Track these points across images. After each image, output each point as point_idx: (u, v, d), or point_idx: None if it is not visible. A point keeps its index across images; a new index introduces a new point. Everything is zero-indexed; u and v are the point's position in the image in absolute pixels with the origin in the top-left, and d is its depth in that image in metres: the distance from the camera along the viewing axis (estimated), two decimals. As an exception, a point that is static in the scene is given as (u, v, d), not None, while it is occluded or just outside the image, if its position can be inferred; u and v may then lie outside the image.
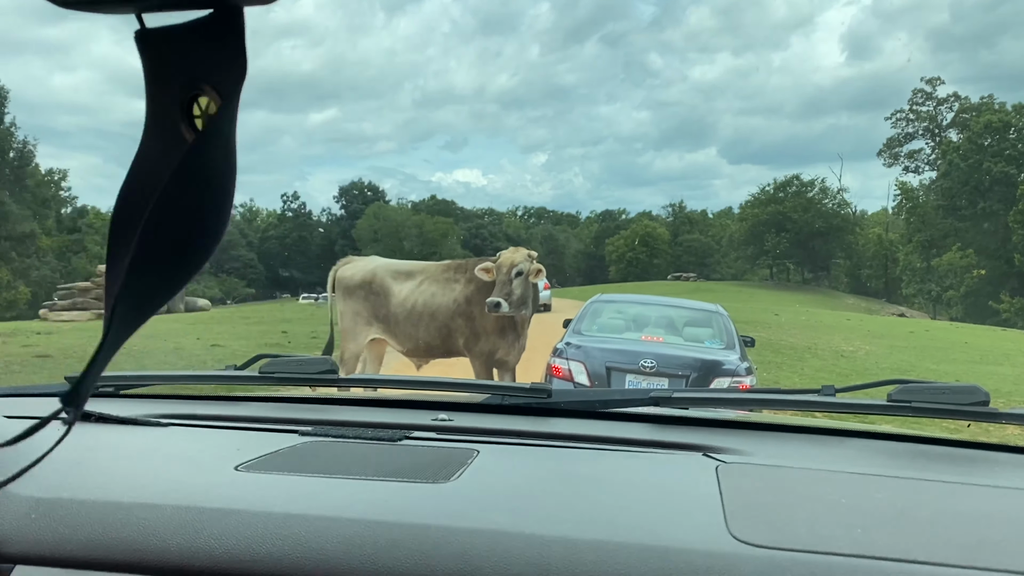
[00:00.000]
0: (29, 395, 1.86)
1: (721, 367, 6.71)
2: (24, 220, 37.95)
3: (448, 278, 6.66)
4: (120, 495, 1.13)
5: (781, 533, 1.04)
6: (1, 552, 1.06)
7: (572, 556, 0.98)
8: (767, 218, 68.79)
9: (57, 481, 1.17)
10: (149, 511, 1.09)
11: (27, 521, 1.09)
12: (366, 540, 1.02)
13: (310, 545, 1.02)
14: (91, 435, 1.49)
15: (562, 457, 1.43)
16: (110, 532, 1.06)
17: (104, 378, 1.83)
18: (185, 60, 0.66)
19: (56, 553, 1.05)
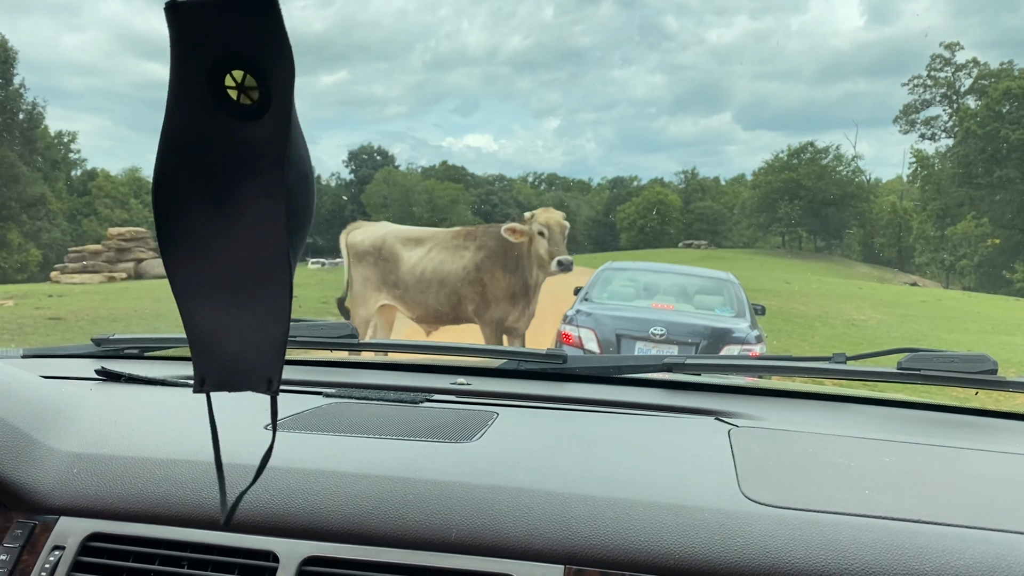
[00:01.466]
0: (60, 356, 1.90)
1: (731, 335, 6.75)
2: (35, 183, 37.99)
3: (457, 245, 6.61)
4: (155, 452, 1.18)
5: (791, 493, 1.07)
6: (47, 504, 1.10)
7: (591, 513, 1.01)
8: (780, 185, 68.24)
9: (95, 438, 1.22)
10: (184, 467, 1.13)
11: (69, 475, 1.13)
12: (394, 495, 1.05)
13: (340, 499, 1.05)
14: (123, 395, 1.53)
15: (579, 420, 1.46)
16: (148, 486, 1.10)
17: (128, 340, 1.91)
18: (215, 33, 0.67)
19: (97, 505, 1.09)
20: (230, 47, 0.69)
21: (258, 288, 0.78)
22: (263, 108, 0.71)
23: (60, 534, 1.08)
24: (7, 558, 1.06)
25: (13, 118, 38.57)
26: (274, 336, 0.80)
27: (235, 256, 0.77)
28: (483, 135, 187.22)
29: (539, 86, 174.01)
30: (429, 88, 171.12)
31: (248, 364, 0.82)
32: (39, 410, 1.25)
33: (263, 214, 0.75)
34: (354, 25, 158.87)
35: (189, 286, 0.79)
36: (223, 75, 0.70)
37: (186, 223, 0.76)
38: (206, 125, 0.71)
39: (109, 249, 28.99)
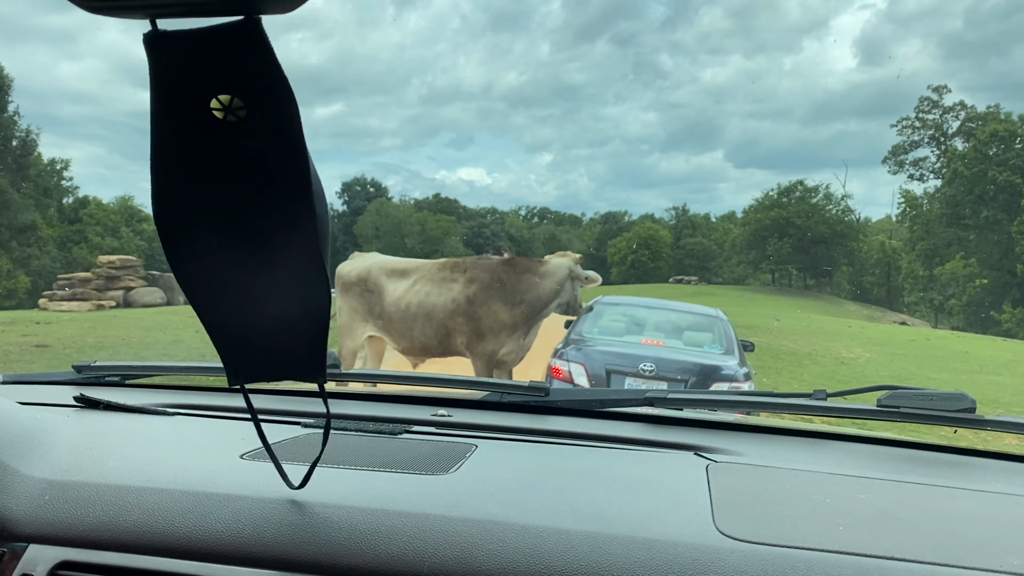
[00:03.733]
0: (39, 383, 1.90)
1: (720, 372, 6.84)
2: (26, 209, 37.92)
3: (444, 277, 6.62)
4: (129, 479, 1.17)
5: (766, 529, 1.08)
6: (16, 531, 1.09)
7: (564, 546, 1.02)
8: (770, 223, 68.46)
9: (69, 465, 1.22)
10: (158, 495, 1.13)
11: (40, 502, 1.12)
12: (367, 527, 1.05)
13: (314, 530, 1.05)
14: (100, 422, 1.54)
15: (558, 453, 1.47)
16: (120, 514, 1.10)
17: (110, 368, 1.92)
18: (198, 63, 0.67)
19: (68, 533, 1.08)
20: (214, 75, 0.69)
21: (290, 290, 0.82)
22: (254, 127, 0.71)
23: (29, 562, 1.07)
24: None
25: (7, 145, 38.60)
26: (314, 332, 0.84)
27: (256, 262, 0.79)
28: (477, 168, 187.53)
29: (533, 122, 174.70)
30: (424, 121, 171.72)
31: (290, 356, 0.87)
32: (13, 436, 1.25)
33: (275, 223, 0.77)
34: (351, 58, 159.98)
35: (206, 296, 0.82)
36: (209, 99, 0.70)
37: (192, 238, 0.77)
38: (197, 145, 0.72)
39: (98, 277, 28.85)
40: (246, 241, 0.78)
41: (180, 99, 0.70)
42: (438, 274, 6.65)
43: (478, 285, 6.37)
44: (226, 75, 0.69)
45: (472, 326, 6.42)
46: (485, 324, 6.38)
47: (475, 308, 6.37)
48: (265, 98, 0.70)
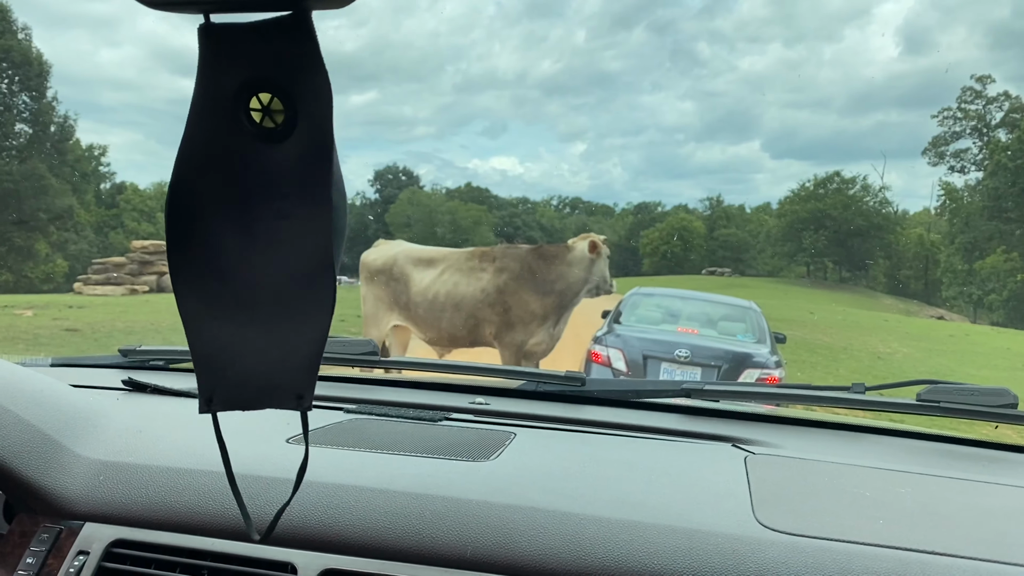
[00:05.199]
0: (87, 366, 1.96)
1: (752, 359, 7.07)
2: (63, 194, 38.34)
3: (473, 267, 6.45)
4: (180, 462, 1.20)
5: (805, 521, 1.07)
6: (73, 510, 1.14)
7: (605, 534, 1.03)
8: (806, 215, 67.61)
9: (121, 446, 1.25)
10: (207, 477, 1.15)
11: (95, 482, 1.16)
12: (411, 512, 1.07)
13: (358, 513, 1.07)
14: (148, 405, 1.58)
15: (596, 443, 1.47)
16: (171, 495, 1.13)
17: (155, 352, 1.98)
18: (247, 56, 0.68)
19: (122, 513, 1.13)
20: (260, 70, 0.69)
21: (287, 306, 0.78)
22: (287, 132, 0.71)
23: (85, 539, 1.10)
24: (33, 561, 1.09)
25: (45, 130, 39.05)
26: (306, 353, 0.81)
27: (256, 274, 0.77)
28: (509, 157, 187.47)
29: (567, 110, 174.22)
30: (458, 110, 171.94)
31: (273, 381, 0.82)
32: (68, 418, 1.28)
33: (290, 234, 0.75)
34: (386, 46, 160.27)
35: (196, 304, 0.77)
36: (249, 97, 0.70)
37: (199, 241, 0.75)
38: (225, 144, 0.72)
39: (132, 262, 29.13)
40: (253, 251, 0.76)
41: (222, 94, 0.70)
42: (466, 263, 6.49)
43: (508, 275, 6.22)
44: (270, 70, 0.69)
45: (502, 316, 6.27)
46: (515, 314, 6.24)
47: (505, 298, 6.22)
48: (304, 95, 0.70)
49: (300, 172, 0.73)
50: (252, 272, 0.76)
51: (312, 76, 0.69)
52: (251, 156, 0.72)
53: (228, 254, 0.75)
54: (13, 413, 1.20)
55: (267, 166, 0.73)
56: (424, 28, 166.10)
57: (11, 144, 37.99)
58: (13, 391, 1.26)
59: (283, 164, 0.72)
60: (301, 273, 0.77)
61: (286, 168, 0.73)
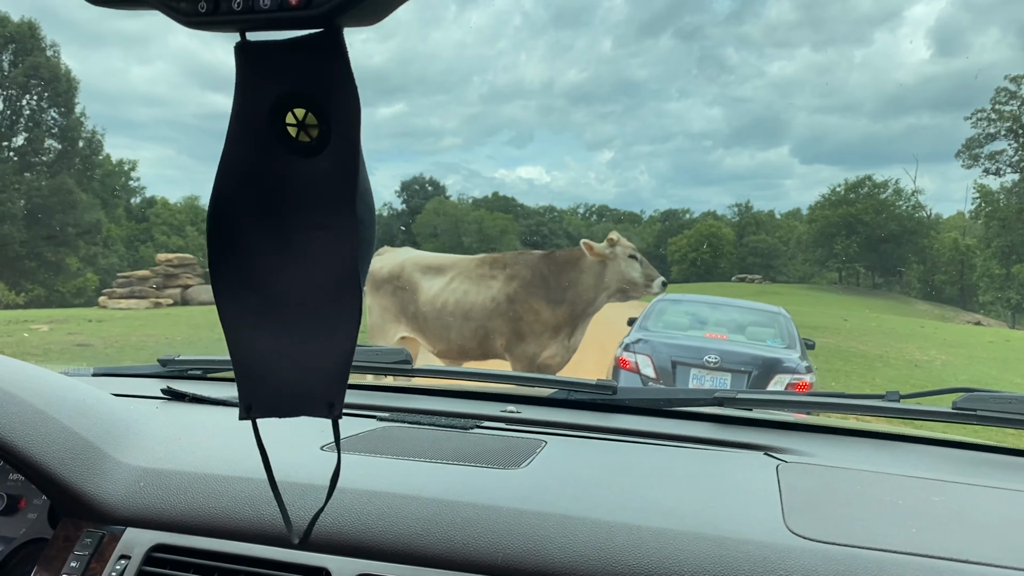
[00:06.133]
0: (127, 375, 2.00)
1: (782, 364, 6.96)
2: (91, 209, 38.63)
3: (483, 274, 6.05)
4: (217, 468, 1.23)
5: (837, 529, 1.07)
6: (115, 515, 1.17)
7: (635, 541, 1.03)
8: (837, 220, 66.65)
9: (161, 454, 1.29)
10: (243, 484, 1.18)
11: (136, 488, 1.20)
12: (442, 518, 1.09)
13: (391, 520, 1.09)
14: (187, 413, 1.61)
15: (626, 451, 1.47)
16: (210, 501, 1.16)
17: (192, 362, 2.01)
18: (281, 72, 0.71)
19: (161, 518, 1.16)
20: (295, 86, 0.72)
21: (317, 316, 0.80)
22: (322, 146, 0.74)
23: (127, 544, 1.14)
24: (77, 565, 1.13)
25: (73, 146, 39.38)
26: (336, 362, 0.83)
27: (290, 285, 0.79)
28: (536, 167, 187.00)
29: (594, 118, 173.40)
30: (484, 120, 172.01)
31: (306, 389, 0.84)
32: (110, 426, 1.32)
33: (321, 246, 0.77)
34: (413, 57, 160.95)
35: (237, 314, 0.81)
36: (285, 112, 0.73)
37: (238, 252, 0.78)
38: (263, 158, 0.74)
39: (157, 275, 29.17)
40: (287, 262, 0.78)
41: (259, 108, 0.72)
42: (476, 271, 6.11)
43: (519, 282, 5.82)
44: (304, 85, 0.71)
45: (512, 326, 5.86)
46: (526, 324, 5.83)
47: (516, 307, 5.82)
48: (336, 110, 0.72)
49: (332, 185, 0.74)
50: (286, 283, 0.79)
51: (343, 91, 0.71)
52: (287, 170, 0.75)
53: (265, 265, 0.78)
54: (58, 421, 1.24)
55: (302, 179, 0.75)
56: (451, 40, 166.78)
57: (41, 160, 38.35)
58: (57, 400, 1.29)
59: (316, 177, 0.74)
60: (330, 284, 0.78)
61: (319, 181, 0.75)
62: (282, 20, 0.67)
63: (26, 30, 37.08)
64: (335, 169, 0.73)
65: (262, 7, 0.66)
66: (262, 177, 0.75)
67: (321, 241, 0.76)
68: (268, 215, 0.76)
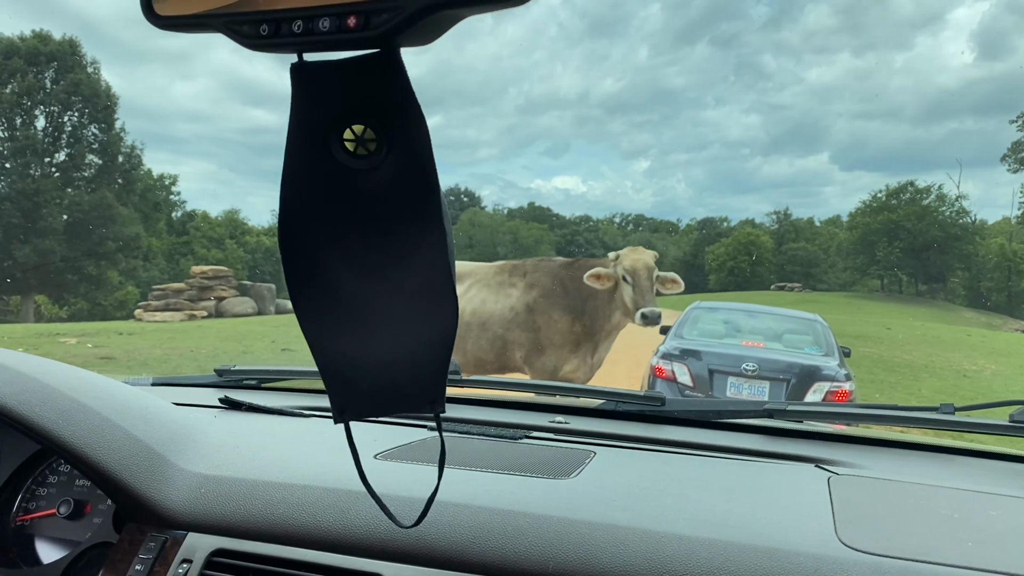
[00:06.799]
0: (185, 384, 2.04)
1: (821, 372, 6.83)
2: (130, 222, 39.06)
3: (502, 282, 5.72)
4: (275, 476, 1.26)
5: (890, 542, 1.06)
6: (178, 520, 1.20)
7: (685, 551, 1.03)
8: (878, 226, 65.39)
9: (220, 461, 1.32)
10: (301, 491, 1.21)
11: (197, 495, 1.23)
12: (494, 526, 1.10)
13: (443, 528, 1.10)
14: (244, 422, 1.65)
15: (676, 462, 1.46)
16: (268, 508, 1.19)
17: (248, 372, 2.07)
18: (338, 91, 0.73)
19: (222, 523, 1.19)
20: (352, 104, 0.73)
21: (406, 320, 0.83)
22: (381, 159, 0.75)
23: (188, 549, 1.16)
24: (141, 568, 1.16)
25: (113, 160, 39.87)
26: (433, 361, 0.85)
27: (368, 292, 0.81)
28: (572, 177, 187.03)
29: (630, 128, 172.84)
30: (520, 131, 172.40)
31: (403, 389, 0.87)
32: (172, 433, 1.35)
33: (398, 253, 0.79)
34: (450, 71, 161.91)
35: (318, 323, 0.83)
36: (342, 128, 0.74)
37: (312, 264, 0.80)
38: (323, 174, 0.76)
39: (191, 287, 29.36)
40: (370, 269, 0.80)
41: (316, 127, 0.74)
42: (495, 278, 5.78)
43: (539, 290, 5.46)
44: (362, 104, 0.72)
45: (531, 337, 5.48)
46: (545, 336, 5.45)
47: (535, 317, 5.45)
48: (397, 128, 0.73)
49: (400, 195, 0.75)
50: (364, 290, 0.81)
51: (404, 108, 0.72)
52: (348, 183, 0.76)
53: (339, 277, 0.80)
54: (123, 428, 1.27)
55: (366, 191, 0.76)
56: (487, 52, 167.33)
57: (82, 175, 38.91)
58: (122, 408, 1.33)
59: (382, 188, 0.76)
60: (417, 288, 0.80)
61: (385, 192, 0.76)
62: (341, 42, 0.68)
63: (67, 48, 37.69)
64: (400, 179, 0.74)
65: (321, 29, 0.66)
66: (326, 192, 0.76)
67: (395, 249, 0.78)
68: (335, 229, 0.78)
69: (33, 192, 35.45)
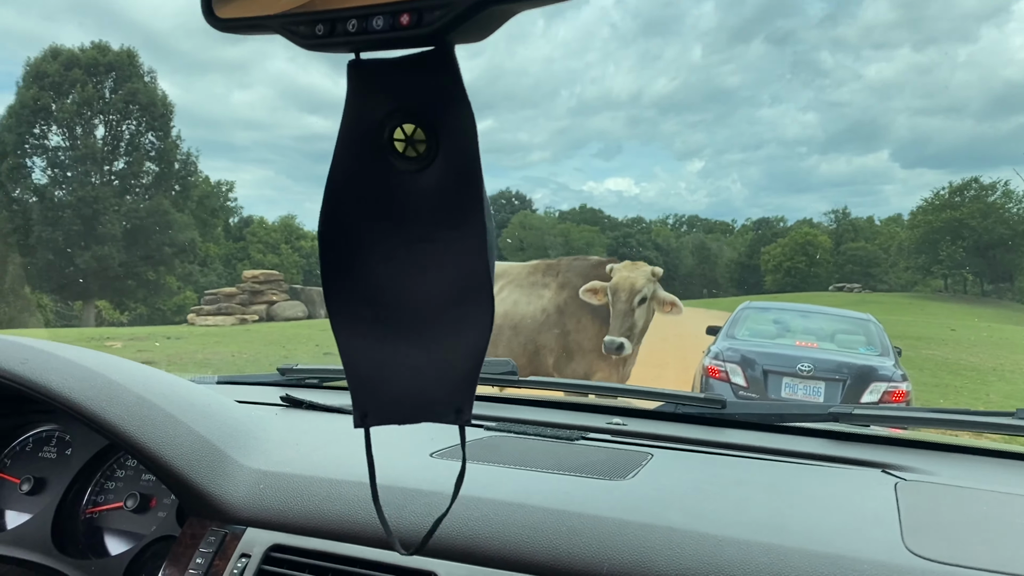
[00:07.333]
0: (249, 383, 2.08)
1: (877, 372, 6.72)
2: (186, 228, 39.72)
3: (535, 282, 5.38)
4: (332, 473, 1.27)
5: (958, 550, 1.04)
6: (238, 515, 1.23)
7: (743, 556, 1.01)
8: (941, 225, 63.46)
9: (280, 458, 1.34)
10: (357, 488, 1.22)
11: (257, 491, 1.25)
12: (547, 527, 1.09)
13: (497, 526, 1.10)
14: (304, 420, 1.68)
15: (735, 465, 1.44)
16: (324, 504, 1.21)
17: (309, 371, 2.10)
18: (391, 88, 0.74)
19: (280, 519, 1.21)
20: (405, 102, 0.74)
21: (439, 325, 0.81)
22: (429, 160, 0.75)
23: (247, 543, 1.19)
24: (202, 562, 1.18)
25: (170, 168, 40.61)
26: (463, 368, 0.83)
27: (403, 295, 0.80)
28: (625, 178, 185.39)
29: (684, 128, 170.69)
30: (572, 133, 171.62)
31: (429, 396, 0.85)
32: (233, 431, 1.38)
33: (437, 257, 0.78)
34: (501, 74, 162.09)
35: (349, 324, 0.82)
36: (393, 127, 0.75)
37: (349, 264, 0.80)
38: (370, 172, 0.76)
39: (243, 292, 29.68)
40: (407, 271, 0.80)
41: (368, 125, 0.75)
42: (528, 278, 5.44)
43: (569, 291, 5.10)
44: (414, 102, 0.73)
45: (562, 342, 5.12)
46: (574, 340, 5.09)
47: (564, 319, 5.09)
48: (448, 129, 0.74)
49: (444, 197, 0.76)
50: (403, 294, 0.80)
51: (455, 106, 0.73)
52: (395, 184, 0.76)
53: (377, 278, 0.80)
54: (186, 425, 1.30)
55: (411, 193, 0.76)
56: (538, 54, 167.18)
57: (140, 183, 39.69)
58: (186, 405, 1.37)
59: (426, 190, 0.76)
60: (453, 293, 0.79)
61: (429, 194, 0.76)
62: (395, 39, 0.69)
63: (125, 58, 38.50)
64: (447, 182, 0.74)
65: (375, 28, 0.68)
66: (370, 191, 0.76)
67: (437, 252, 0.77)
68: (378, 228, 0.78)
69: (93, 199, 36.23)
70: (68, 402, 1.25)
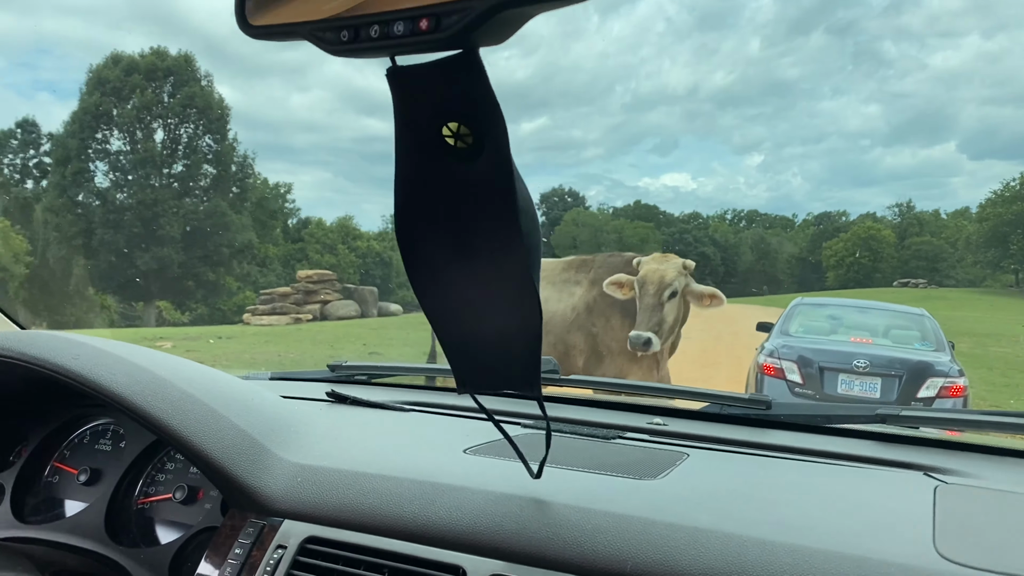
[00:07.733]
0: (300, 379, 2.13)
1: (933, 368, 6.68)
2: (243, 229, 40.34)
3: (567, 279, 5.10)
4: (368, 467, 1.30)
5: (992, 555, 1.03)
6: (275, 508, 1.25)
7: (767, 557, 1.01)
8: (1012, 217, 61.18)
9: (318, 452, 1.37)
10: (391, 483, 1.25)
11: (294, 483, 1.28)
12: (573, 524, 1.11)
13: (523, 523, 1.12)
14: (348, 415, 1.72)
15: (771, 466, 1.44)
16: (359, 497, 1.23)
17: (359, 367, 2.16)
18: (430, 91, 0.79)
19: (316, 512, 1.23)
20: (443, 104, 0.79)
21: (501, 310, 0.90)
22: (478, 152, 0.80)
23: (284, 535, 1.22)
24: (240, 552, 1.22)
25: (227, 170, 41.27)
26: (525, 350, 0.92)
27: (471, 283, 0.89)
28: (681, 174, 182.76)
29: (742, 121, 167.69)
30: (627, 129, 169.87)
31: (510, 371, 0.96)
32: (274, 424, 1.42)
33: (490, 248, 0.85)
34: (555, 71, 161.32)
35: (436, 308, 0.93)
36: (440, 125, 0.80)
37: (426, 254, 0.89)
38: (429, 168, 0.83)
39: (297, 291, 29.98)
40: (470, 257, 0.88)
41: (417, 125, 0.80)
42: (561, 275, 5.16)
43: (599, 290, 4.81)
44: (452, 102, 0.78)
45: (591, 343, 4.81)
46: (602, 341, 4.76)
47: (593, 319, 4.79)
48: (482, 123, 0.79)
49: (488, 189, 0.82)
50: (466, 277, 0.89)
51: (486, 106, 0.77)
52: (451, 176, 0.82)
53: (444, 264, 0.89)
54: (227, 419, 1.34)
55: (465, 183, 0.82)
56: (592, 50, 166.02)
57: (197, 185, 40.42)
58: (229, 400, 1.41)
59: (478, 180, 0.82)
60: (507, 284, 0.87)
61: (481, 183, 0.82)
62: (415, 44, 0.72)
63: (182, 63, 39.25)
64: (488, 176, 0.80)
65: (396, 33, 0.71)
66: (430, 184, 0.83)
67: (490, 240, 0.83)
68: (443, 219, 0.85)
69: (152, 202, 37.02)
70: (115, 396, 1.31)
